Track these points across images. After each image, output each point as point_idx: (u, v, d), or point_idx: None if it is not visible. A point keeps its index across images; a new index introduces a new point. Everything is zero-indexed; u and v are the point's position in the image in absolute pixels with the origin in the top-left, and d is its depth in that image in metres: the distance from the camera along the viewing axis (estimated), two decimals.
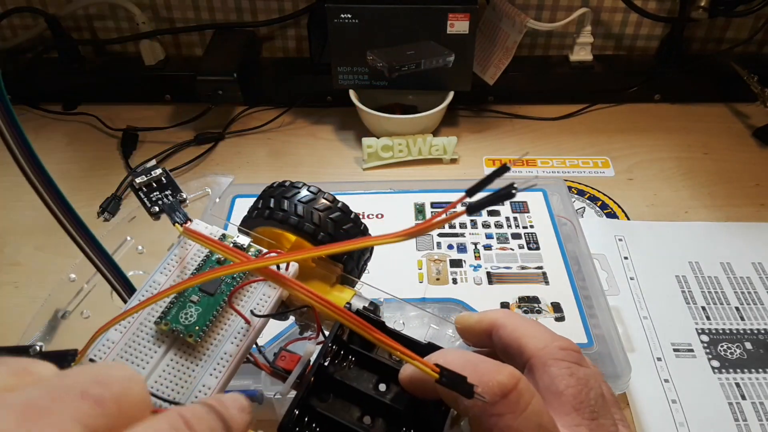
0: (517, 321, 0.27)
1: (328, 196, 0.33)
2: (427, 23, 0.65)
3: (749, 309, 0.52)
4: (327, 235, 0.32)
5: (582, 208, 0.63)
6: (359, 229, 0.33)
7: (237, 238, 0.30)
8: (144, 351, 0.26)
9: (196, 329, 0.27)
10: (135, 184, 0.31)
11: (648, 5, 0.76)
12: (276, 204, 0.32)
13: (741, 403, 0.46)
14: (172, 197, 0.31)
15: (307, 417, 0.25)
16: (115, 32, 0.81)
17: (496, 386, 0.22)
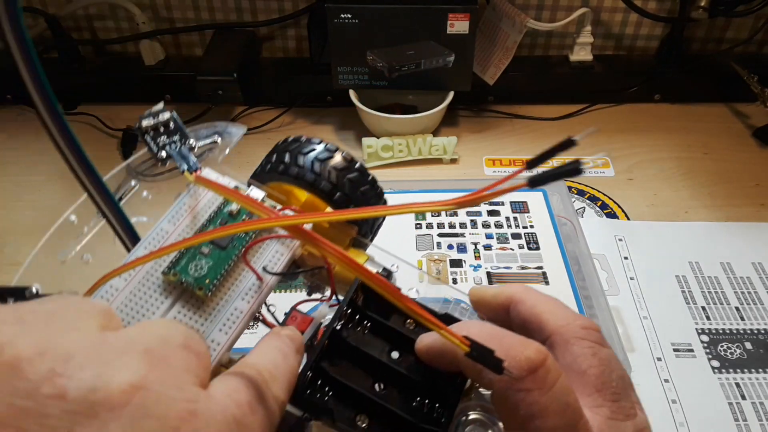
0: (537, 296, 0.26)
1: (347, 155, 0.31)
2: (427, 23, 0.65)
3: (749, 309, 0.52)
4: (343, 195, 0.30)
5: (582, 208, 0.63)
6: (376, 192, 0.32)
7: (250, 191, 0.28)
8: (150, 301, 0.25)
9: (206, 282, 0.25)
10: (142, 127, 0.29)
11: (648, 5, 0.76)
12: (291, 159, 0.31)
13: (741, 403, 0.46)
14: (180, 143, 0.29)
15: (320, 380, 0.24)
16: (115, 32, 0.81)
17: (524, 361, 0.21)
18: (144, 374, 0.17)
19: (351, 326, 0.26)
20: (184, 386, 0.18)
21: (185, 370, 0.19)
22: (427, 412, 0.24)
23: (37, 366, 0.16)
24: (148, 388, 0.17)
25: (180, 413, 0.17)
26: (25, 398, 0.15)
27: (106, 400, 0.16)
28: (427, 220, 0.57)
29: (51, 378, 0.16)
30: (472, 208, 0.58)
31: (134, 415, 0.16)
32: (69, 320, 0.18)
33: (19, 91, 0.77)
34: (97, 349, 0.17)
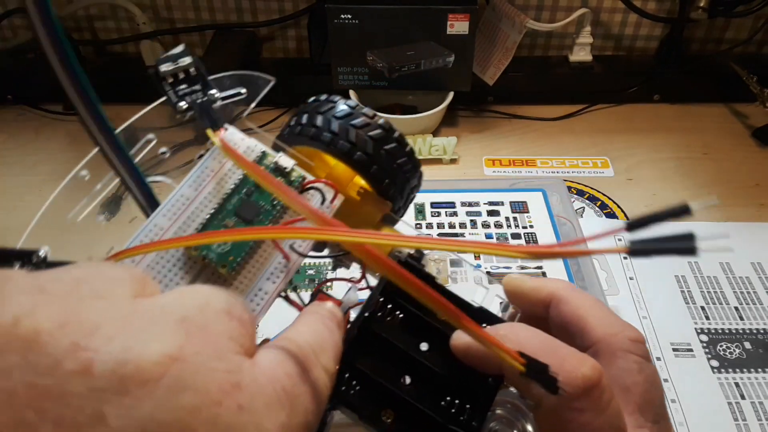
0: (582, 298, 0.25)
1: (385, 123, 0.28)
2: (427, 24, 0.65)
3: (748, 309, 0.52)
4: (379, 169, 0.28)
5: (581, 208, 0.63)
6: (404, 150, 0.29)
7: (279, 157, 0.26)
8: (168, 276, 0.23)
9: (230, 260, 0.23)
10: (159, 72, 0.25)
11: (647, 6, 0.76)
12: (324, 123, 0.28)
13: (740, 402, 0.46)
14: (202, 94, 0.26)
15: (347, 372, 0.23)
16: (116, 33, 0.81)
17: (580, 379, 0.20)
18: (180, 344, 0.15)
19: (381, 315, 0.24)
20: (226, 356, 0.16)
21: (228, 338, 0.17)
22: (456, 412, 0.23)
23: (58, 339, 0.14)
24: (185, 359, 0.15)
25: (222, 385, 0.15)
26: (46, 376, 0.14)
27: (138, 374, 0.14)
28: (426, 220, 0.57)
29: (74, 352, 0.14)
30: (472, 208, 0.58)
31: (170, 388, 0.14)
32: (96, 288, 0.16)
33: (20, 91, 0.77)
34: (127, 318, 0.15)
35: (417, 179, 0.30)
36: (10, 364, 0.13)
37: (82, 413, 0.14)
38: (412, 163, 0.29)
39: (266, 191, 0.24)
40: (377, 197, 0.28)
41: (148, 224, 0.24)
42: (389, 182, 0.28)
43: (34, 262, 0.22)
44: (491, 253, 0.20)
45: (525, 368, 0.19)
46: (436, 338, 0.24)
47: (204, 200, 0.25)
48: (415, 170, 0.30)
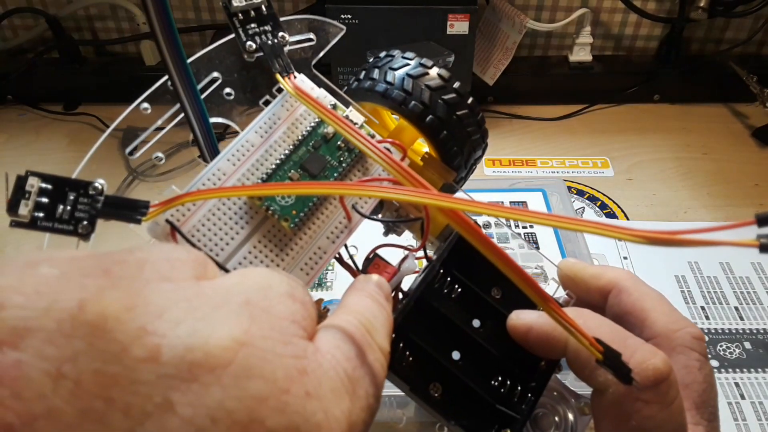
0: (644, 289, 0.24)
1: (444, 72, 0.27)
2: (427, 24, 0.65)
3: (748, 309, 0.52)
4: (436, 119, 0.26)
5: (581, 208, 0.63)
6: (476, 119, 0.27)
7: (350, 111, 0.25)
8: (230, 224, 0.22)
9: (293, 213, 0.22)
10: (230, 8, 0.24)
11: (647, 6, 0.76)
12: (381, 76, 0.27)
13: (740, 402, 0.46)
14: (272, 35, 0.25)
15: (401, 343, 0.22)
16: (116, 32, 0.81)
17: (651, 371, 0.19)
18: (246, 328, 0.15)
19: (439, 287, 0.23)
20: (291, 340, 0.16)
21: (291, 321, 0.16)
22: (506, 393, 0.22)
23: (125, 324, 0.13)
24: (252, 344, 0.15)
25: (289, 371, 0.15)
26: (113, 363, 0.13)
27: (206, 361, 0.14)
28: None
29: (142, 337, 0.13)
30: None
31: (238, 375, 0.14)
32: (161, 270, 0.15)
33: (20, 91, 0.77)
34: (191, 301, 0.15)
35: (482, 150, 0.29)
36: (76, 351, 0.13)
37: (151, 401, 0.13)
38: (480, 132, 0.28)
39: (333, 146, 0.24)
40: (441, 164, 0.27)
41: (211, 168, 0.23)
42: (457, 150, 0.27)
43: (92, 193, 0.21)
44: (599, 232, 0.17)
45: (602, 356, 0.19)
46: (492, 316, 0.23)
47: (270, 148, 0.23)
48: (482, 140, 0.28)
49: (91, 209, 0.21)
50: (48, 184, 0.20)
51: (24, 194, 0.20)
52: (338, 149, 0.24)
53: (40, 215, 0.21)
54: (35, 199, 0.20)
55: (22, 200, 0.20)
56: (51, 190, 0.20)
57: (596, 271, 0.25)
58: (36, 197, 0.20)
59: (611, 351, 0.19)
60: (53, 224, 0.21)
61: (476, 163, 0.29)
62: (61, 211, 0.21)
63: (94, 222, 0.21)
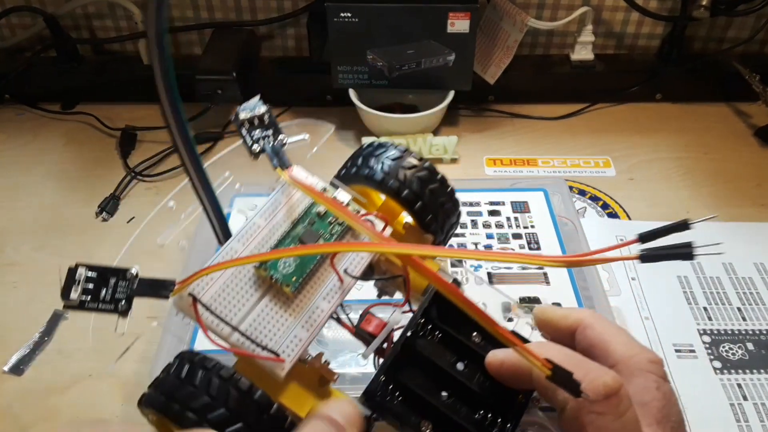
0: (605, 324, 0.27)
1: (430, 165, 0.32)
2: (428, 22, 0.65)
3: (751, 309, 0.52)
4: (411, 193, 0.31)
5: (583, 208, 0.63)
6: (446, 190, 0.33)
7: (338, 192, 0.30)
8: (241, 293, 0.26)
9: (293, 280, 0.27)
10: (239, 119, 0.30)
11: (649, 4, 0.76)
12: (377, 165, 0.32)
13: (743, 404, 0.46)
14: (273, 138, 0.30)
15: (391, 385, 0.26)
16: (114, 31, 0.81)
17: (601, 386, 0.22)
18: None
19: (422, 335, 0.27)
20: None
21: None
22: (489, 425, 0.26)
23: None
24: None
25: None
26: None
27: None
28: None
29: None
30: (472, 208, 0.58)
31: None
32: None
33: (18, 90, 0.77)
34: None
35: (456, 217, 0.34)
36: None
37: None
38: (452, 202, 0.33)
39: (325, 221, 0.29)
40: (420, 231, 0.32)
41: (225, 247, 0.28)
42: (432, 217, 0.32)
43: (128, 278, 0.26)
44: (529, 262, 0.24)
45: (551, 372, 0.22)
46: (472, 358, 0.27)
47: (273, 228, 0.28)
48: (455, 208, 0.34)
49: (128, 291, 0.26)
50: (93, 273, 0.26)
51: (74, 282, 0.26)
52: (330, 224, 0.29)
53: (87, 299, 0.26)
54: (83, 286, 0.26)
55: (73, 286, 0.26)
56: (95, 277, 0.26)
57: (564, 312, 0.29)
58: (84, 284, 0.26)
59: (560, 369, 0.22)
60: (98, 305, 0.26)
61: (453, 227, 0.35)
62: (104, 294, 0.26)
63: (131, 301, 0.26)
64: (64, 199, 0.65)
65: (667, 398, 0.25)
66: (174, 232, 0.37)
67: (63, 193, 0.66)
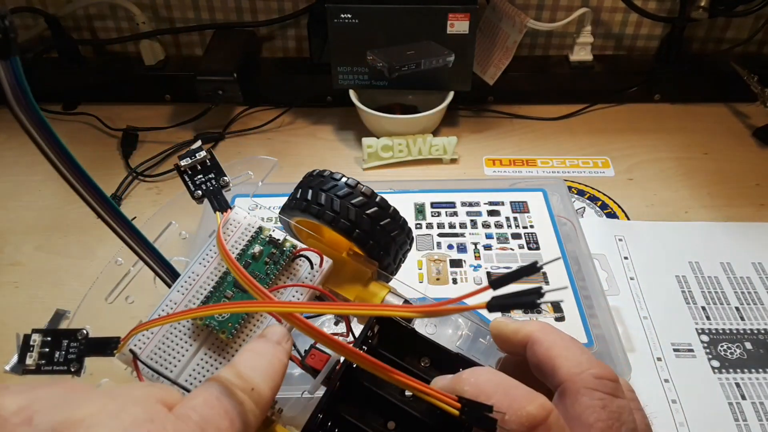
0: (553, 338, 0.26)
1: (366, 190, 0.32)
2: (427, 23, 0.65)
3: (749, 309, 0.52)
4: (362, 233, 0.31)
5: (582, 208, 0.63)
6: (398, 224, 0.32)
7: (273, 232, 0.30)
8: (180, 344, 0.27)
9: (228, 326, 0.27)
10: (180, 167, 0.31)
11: (648, 5, 0.76)
12: (313, 197, 0.32)
13: (741, 403, 0.46)
14: (215, 182, 0.31)
15: (331, 421, 0.25)
16: (115, 32, 0.81)
17: (524, 417, 0.21)
18: None
19: None
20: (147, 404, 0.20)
21: None
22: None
23: None
24: None
25: None
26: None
27: None
28: (426, 220, 0.57)
29: None
30: (472, 208, 0.58)
31: None
32: None
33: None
34: None
35: (404, 236, 0.33)
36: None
37: None
38: (396, 223, 0.32)
39: (261, 262, 0.29)
40: (365, 257, 0.32)
41: (165, 300, 0.28)
42: (373, 243, 0.31)
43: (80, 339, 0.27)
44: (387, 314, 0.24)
45: (460, 412, 0.21)
46: None
47: (211, 274, 0.29)
48: (400, 230, 0.32)
49: (78, 351, 0.27)
50: (48, 337, 0.27)
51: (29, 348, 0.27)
52: (265, 264, 0.29)
53: (43, 362, 0.27)
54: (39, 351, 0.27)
55: (28, 353, 0.27)
56: (50, 341, 0.27)
57: (515, 327, 0.28)
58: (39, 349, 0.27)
59: (473, 404, 0.21)
60: (52, 368, 0.27)
61: (403, 247, 0.34)
62: (58, 356, 0.27)
63: (81, 361, 0.27)
64: (65, 199, 0.66)
65: (614, 417, 0.23)
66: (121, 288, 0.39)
67: (64, 193, 0.66)
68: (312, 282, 0.29)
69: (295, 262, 0.30)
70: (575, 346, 0.26)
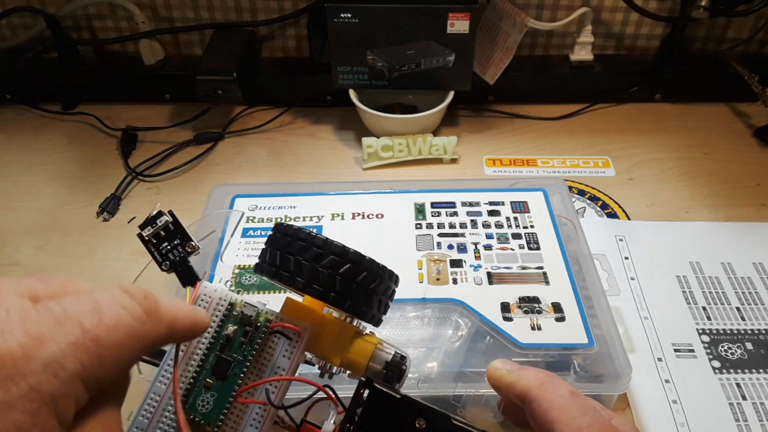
0: (551, 398, 0.26)
1: (335, 248, 0.29)
2: (428, 23, 0.65)
3: (750, 309, 0.52)
4: (338, 295, 0.29)
5: (582, 208, 0.63)
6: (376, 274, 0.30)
7: (244, 308, 0.29)
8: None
9: (213, 417, 0.27)
10: (144, 237, 0.30)
11: (648, 5, 0.76)
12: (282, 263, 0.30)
13: (742, 403, 0.46)
14: (181, 248, 0.30)
15: None
16: (115, 32, 0.81)
17: None
18: None
19: None
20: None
21: None
22: None
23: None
24: None
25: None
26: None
27: None
28: (427, 220, 0.57)
29: None
30: (472, 208, 0.58)
31: None
32: None
33: (18, 90, 0.77)
34: None
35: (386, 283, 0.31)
36: None
37: None
38: (373, 274, 0.30)
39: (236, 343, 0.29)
40: (345, 317, 0.31)
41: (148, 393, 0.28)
42: (351, 303, 0.29)
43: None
44: None
45: None
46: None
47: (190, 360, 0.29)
48: (379, 278, 0.30)
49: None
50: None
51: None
52: (241, 344, 0.29)
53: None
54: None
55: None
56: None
57: (512, 380, 0.28)
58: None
59: None
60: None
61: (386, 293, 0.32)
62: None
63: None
64: (65, 199, 0.66)
65: None
66: None
67: (64, 193, 0.66)
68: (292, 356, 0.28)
69: (273, 336, 0.29)
70: (575, 406, 0.26)
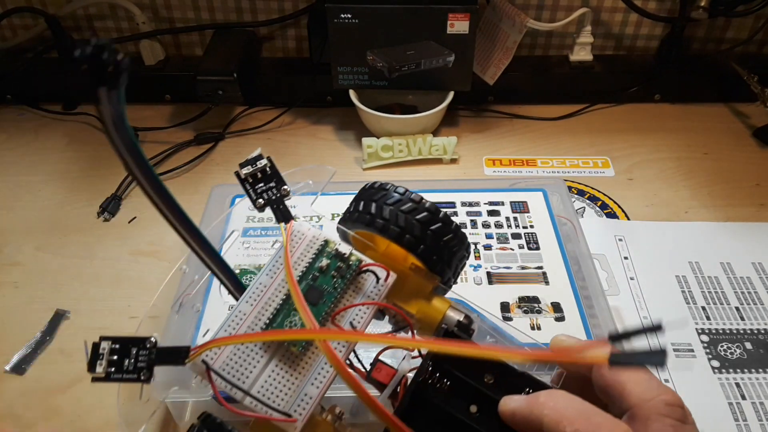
0: None
1: (430, 206, 0.32)
2: (427, 23, 0.65)
3: (749, 309, 0.52)
4: (412, 237, 0.31)
5: (582, 208, 0.63)
6: (459, 239, 0.32)
7: (339, 245, 0.30)
8: (250, 357, 0.27)
9: None
10: (241, 175, 0.31)
11: (648, 5, 0.76)
12: (377, 210, 0.32)
13: (741, 403, 0.46)
14: (276, 191, 0.31)
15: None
16: (115, 32, 0.81)
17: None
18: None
19: (432, 382, 0.27)
20: None
21: None
22: None
23: None
24: None
25: None
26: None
27: None
28: None
29: None
30: (472, 208, 0.58)
31: None
32: None
33: (19, 90, 0.77)
34: None
35: (464, 251, 0.33)
36: None
37: None
38: (457, 238, 0.32)
39: (329, 275, 0.30)
40: (427, 272, 0.32)
41: (234, 311, 0.28)
42: (437, 259, 0.31)
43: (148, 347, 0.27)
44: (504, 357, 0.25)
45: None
46: (485, 402, 0.26)
47: (278, 286, 0.29)
48: (461, 244, 0.33)
49: (148, 359, 0.27)
50: (116, 344, 0.27)
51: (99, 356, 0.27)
52: (333, 277, 0.29)
53: (112, 370, 0.27)
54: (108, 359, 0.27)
55: (98, 361, 0.27)
56: (118, 348, 0.27)
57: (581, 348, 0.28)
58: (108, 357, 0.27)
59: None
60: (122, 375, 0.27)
61: (462, 261, 0.34)
62: (127, 364, 0.27)
63: (151, 370, 0.27)
64: (65, 198, 0.66)
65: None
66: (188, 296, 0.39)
67: (64, 193, 0.67)
68: (378, 296, 0.29)
69: (361, 276, 0.30)
70: (643, 372, 0.26)
